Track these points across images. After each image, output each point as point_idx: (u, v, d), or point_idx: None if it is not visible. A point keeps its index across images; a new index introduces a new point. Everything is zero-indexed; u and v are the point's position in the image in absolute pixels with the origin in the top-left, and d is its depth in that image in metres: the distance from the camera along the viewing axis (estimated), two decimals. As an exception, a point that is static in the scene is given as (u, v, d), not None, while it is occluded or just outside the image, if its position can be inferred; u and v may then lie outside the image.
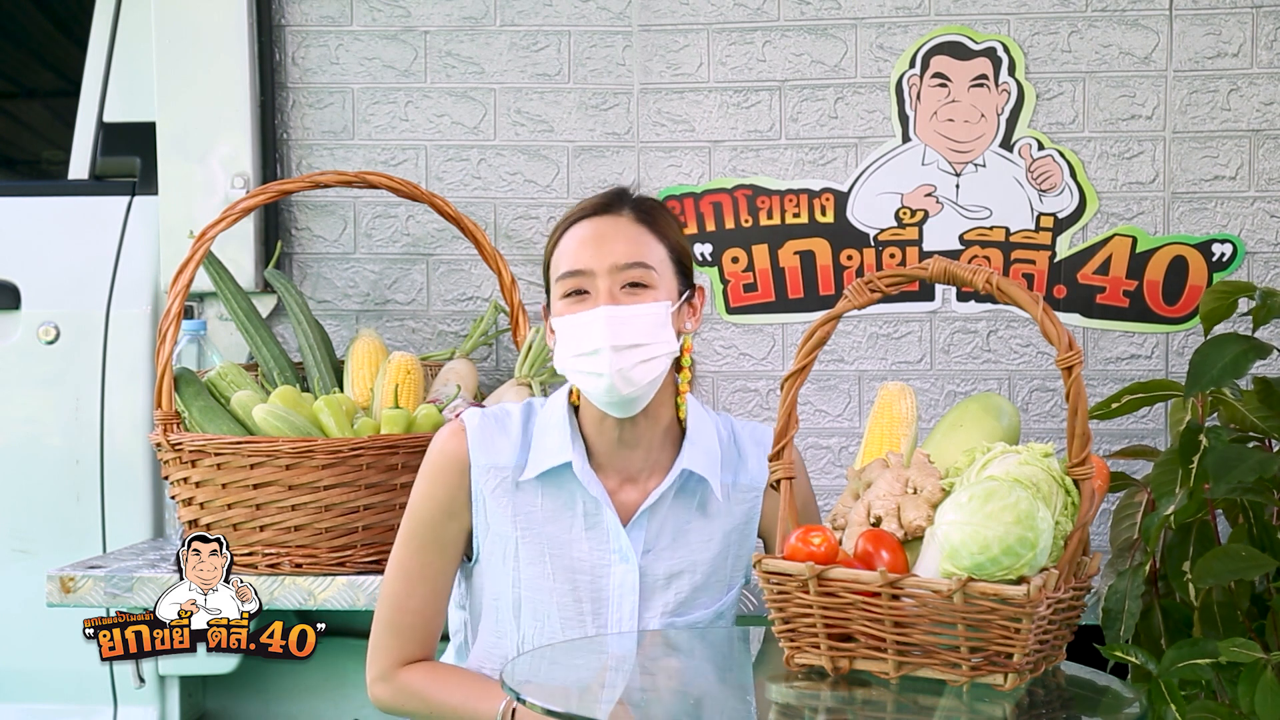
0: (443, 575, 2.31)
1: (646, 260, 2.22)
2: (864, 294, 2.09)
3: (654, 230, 2.25)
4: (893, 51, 3.04)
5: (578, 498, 2.28)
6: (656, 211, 2.28)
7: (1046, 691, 2.00)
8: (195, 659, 3.18)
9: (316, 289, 3.19)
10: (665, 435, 2.30)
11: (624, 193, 2.30)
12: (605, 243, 2.21)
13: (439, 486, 2.29)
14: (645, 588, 2.28)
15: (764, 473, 2.29)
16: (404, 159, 3.16)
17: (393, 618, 2.31)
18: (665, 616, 2.29)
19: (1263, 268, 2.98)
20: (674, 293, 2.25)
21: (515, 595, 2.29)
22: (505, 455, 2.29)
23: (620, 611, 2.28)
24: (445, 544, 2.30)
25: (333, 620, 3.33)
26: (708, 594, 2.32)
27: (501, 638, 2.31)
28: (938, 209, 3.03)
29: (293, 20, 3.16)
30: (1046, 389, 3.02)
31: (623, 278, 2.20)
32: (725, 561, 2.33)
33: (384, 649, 2.31)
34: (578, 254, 2.21)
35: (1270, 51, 2.96)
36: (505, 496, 2.28)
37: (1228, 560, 2.24)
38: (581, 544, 2.28)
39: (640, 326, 2.19)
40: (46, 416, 3.23)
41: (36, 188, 3.43)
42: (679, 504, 2.31)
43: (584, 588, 2.27)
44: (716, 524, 2.32)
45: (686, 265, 2.29)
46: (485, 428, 2.30)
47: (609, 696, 2.06)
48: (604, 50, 3.10)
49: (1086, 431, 1.98)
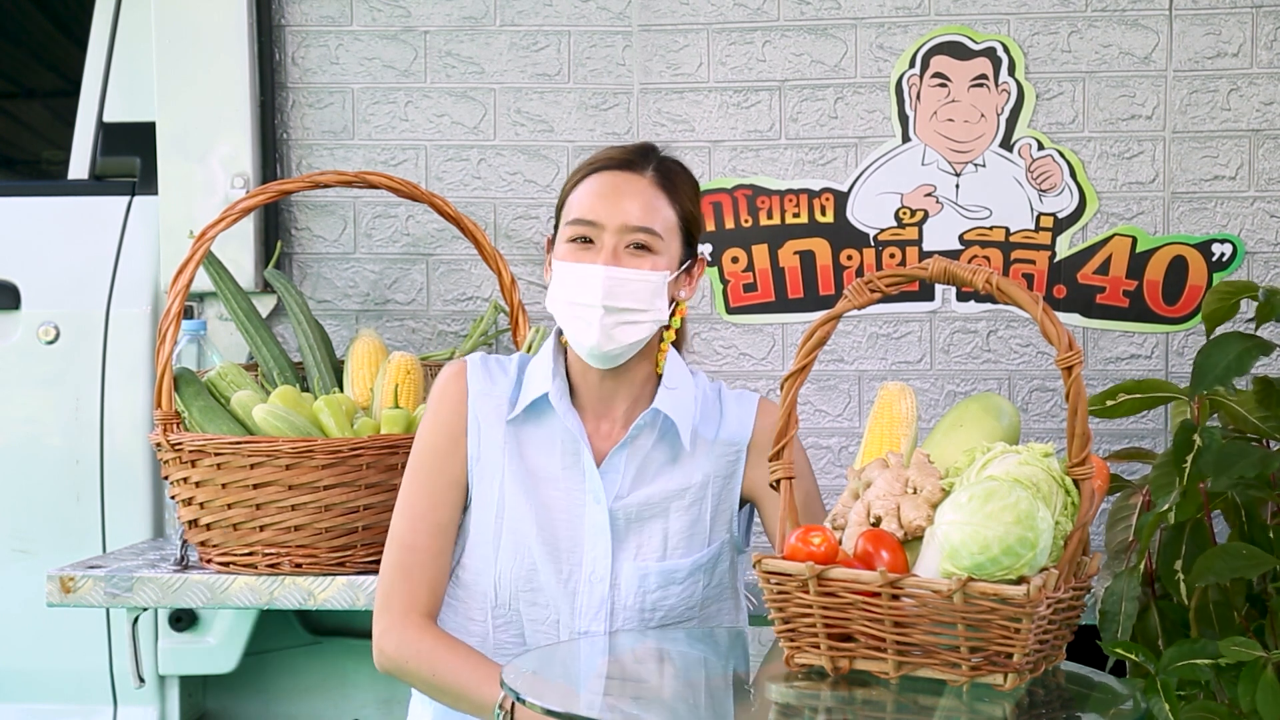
0: (448, 510, 2.34)
1: (655, 227, 2.27)
2: (864, 294, 2.09)
3: (670, 196, 2.30)
4: (893, 51, 3.04)
5: (558, 435, 2.34)
6: (677, 177, 2.33)
7: (1046, 691, 2.00)
8: (195, 659, 3.21)
9: (316, 289, 3.19)
10: (645, 385, 2.36)
11: (650, 150, 2.35)
12: (621, 199, 2.26)
13: (442, 415, 2.35)
14: (617, 530, 2.31)
15: (745, 431, 2.37)
16: (404, 159, 3.16)
17: (401, 558, 2.32)
18: (639, 560, 2.31)
19: (1263, 268, 2.98)
20: (675, 260, 2.31)
21: (497, 527, 2.32)
22: (501, 390, 2.36)
23: (595, 551, 2.31)
24: (448, 476, 2.34)
25: (333, 620, 3.35)
26: (685, 545, 2.34)
27: (480, 575, 2.33)
28: (938, 209, 3.03)
29: (293, 20, 3.16)
30: (1046, 389, 3.02)
31: (630, 238, 2.26)
32: (703, 513, 2.35)
33: (393, 593, 2.31)
34: (593, 205, 2.27)
35: (1270, 51, 2.96)
36: (498, 426, 2.34)
37: (1227, 559, 2.24)
38: (559, 482, 2.33)
39: (636, 291, 2.25)
40: (46, 416, 3.23)
41: (36, 188, 3.43)
42: (654, 452, 2.35)
43: (560, 525, 2.31)
44: (691, 473, 2.35)
45: (694, 233, 2.36)
46: (486, 364, 2.38)
47: (609, 697, 2.06)
48: (604, 50, 3.10)
49: (1086, 431, 1.98)
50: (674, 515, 2.34)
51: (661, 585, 2.31)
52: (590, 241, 2.26)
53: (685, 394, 2.37)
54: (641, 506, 2.33)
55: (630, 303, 2.25)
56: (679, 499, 2.34)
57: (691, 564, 2.34)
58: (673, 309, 2.33)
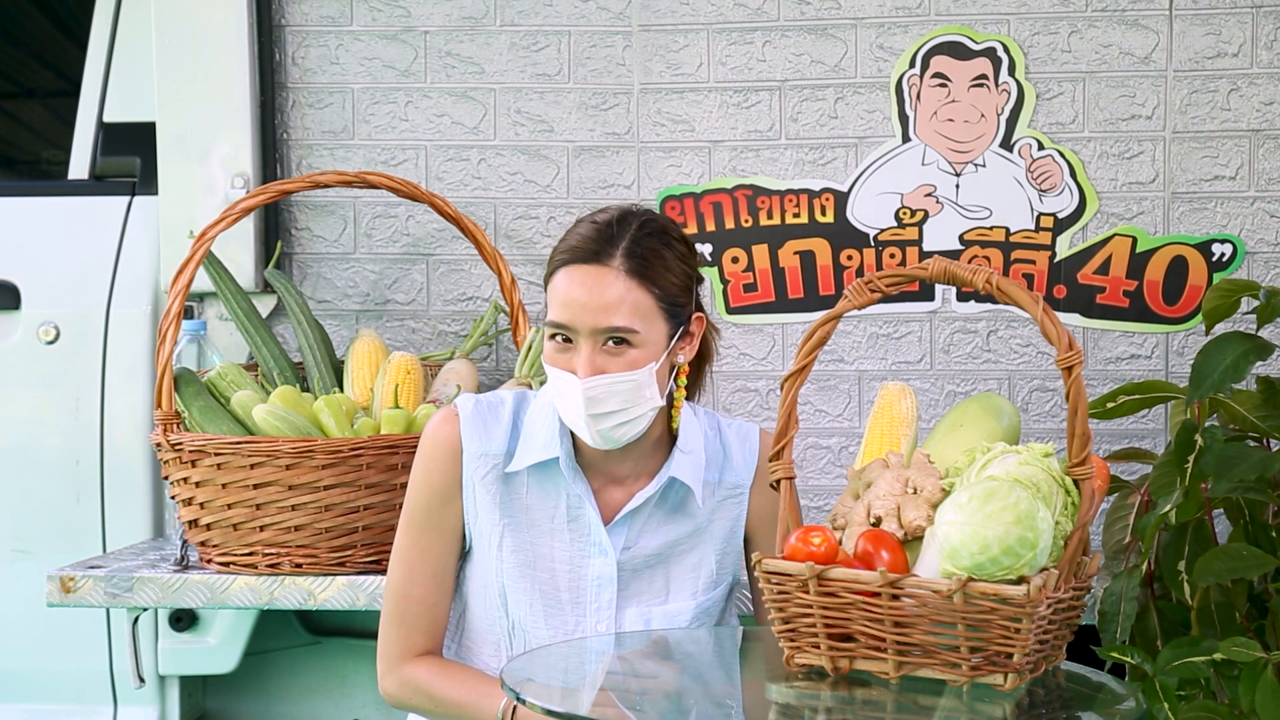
0: (443, 560, 2.33)
1: (630, 324, 2.18)
2: (864, 294, 2.09)
3: (643, 281, 2.20)
4: (893, 51, 3.04)
5: (562, 491, 2.31)
6: (650, 255, 2.21)
7: (1046, 691, 2.00)
8: (195, 659, 3.21)
9: (316, 289, 3.19)
10: (655, 445, 2.32)
11: (618, 233, 2.22)
12: (590, 298, 2.17)
13: (433, 472, 2.32)
14: (623, 580, 2.31)
15: (748, 469, 2.35)
16: (404, 159, 3.16)
17: (397, 607, 2.33)
18: (644, 607, 2.32)
19: (1263, 268, 2.98)
20: (661, 342, 2.22)
21: (500, 584, 2.32)
22: (496, 442, 2.31)
23: (599, 601, 2.31)
24: (443, 528, 2.33)
25: (333, 620, 3.35)
26: (690, 588, 2.34)
27: (492, 625, 2.34)
28: (938, 209, 3.03)
29: (293, 20, 3.16)
30: (1046, 389, 3.02)
31: (604, 337, 2.18)
32: (709, 559, 2.35)
33: (391, 640, 2.34)
34: (564, 307, 2.19)
35: (1270, 51, 2.96)
36: (494, 485, 2.31)
37: (1228, 559, 2.24)
38: (563, 536, 2.31)
39: (619, 394, 2.19)
40: (46, 416, 3.23)
41: (36, 188, 3.43)
42: (662, 507, 2.33)
43: (562, 577, 2.31)
44: (700, 525, 2.35)
45: (683, 304, 2.26)
46: (478, 414, 2.32)
47: (609, 697, 2.06)
48: (604, 50, 3.10)
49: (1086, 431, 1.98)
50: (675, 560, 2.34)
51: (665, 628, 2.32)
52: (570, 340, 2.20)
53: (698, 452, 2.33)
54: (647, 558, 2.33)
55: (615, 405, 2.19)
56: (683, 544, 2.34)
57: (695, 607, 2.34)
58: (675, 373, 2.28)
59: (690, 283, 2.27)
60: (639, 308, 2.19)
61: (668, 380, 2.26)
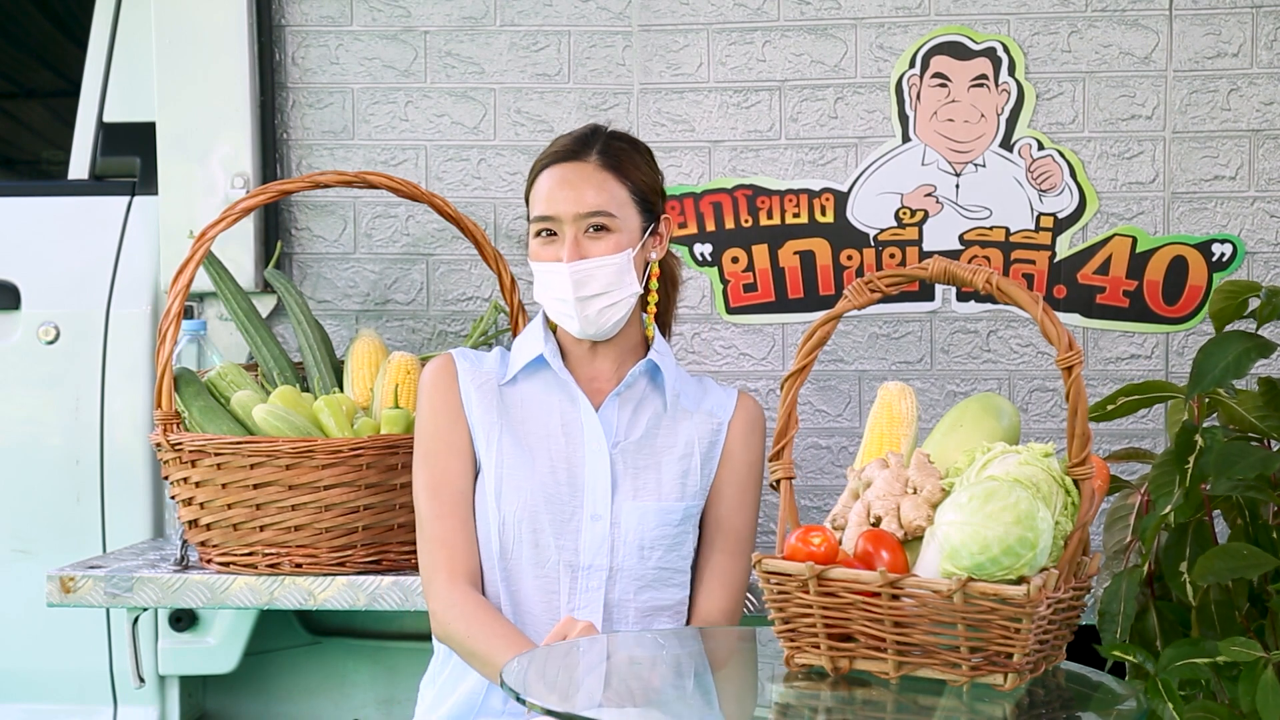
0: (463, 479, 2.46)
1: (608, 209, 2.42)
2: (864, 294, 2.09)
3: (618, 174, 2.45)
4: (893, 51, 3.04)
5: (554, 393, 2.49)
6: (622, 154, 2.47)
7: (1046, 691, 2.00)
8: (195, 659, 3.21)
9: (316, 289, 3.19)
10: (633, 349, 2.52)
11: (593, 135, 2.49)
12: (571, 189, 2.42)
13: (436, 398, 2.50)
14: (616, 472, 2.45)
15: (727, 409, 2.52)
16: (404, 159, 3.16)
17: (433, 531, 2.44)
18: (637, 500, 2.44)
19: (1263, 268, 2.98)
20: (636, 232, 2.46)
21: (497, 476, 2.44)
22: (488, 365, 2.53)
23: (595, 493, 2.43)
24: (456, 448, 2.47)
25: (333, 620, 3.35)
26: (678, 491, 2.47)
27: (485, 525, 2.44)
28: (938, 209, 3.03)
29: (293, 20, 3.16)
30: (1046, 389, 3.02)
31: (586, 223, 2.42)
32: (692, 467, 2.49)
33: (436, 562, 2.43)
34: (547, 200, 2.43)
35: (1270, 51, 2.96)
36: (489, 395, 2.49)
37: (1228, 559, 2.24)
38: (557, 437, 2.47)
39: (602, 277, 2.41)
40: (46, 416, 3.23)
41: (36, 188, 3.43)
42: (645, 402, 2.50)
43: (560, 474, 2.45)
44: (679, 432, 2.50)
45: (652, 200, 2.49)
46: (465, 353, 2.55)
47: (609, 696, 2.06)
48: (604, 50, 3.10)
49: (1086, 431, 1.98)
50: (665, 466, 2.47)
51: (659, 524, 2.44)
52: (554, 234, 2.43)
53: (670, 360, 2.54)
54: (637, 452, 2.47)
55: (599, 288, 2.41)
56: (669, 452, 2.48)
57: (684, 509, 2.47)
58: (647, 272, 2.48)
59: (658, 185, 2.52)
60: (615, 196, 2.44)
61: (643, 274, 2.47)
